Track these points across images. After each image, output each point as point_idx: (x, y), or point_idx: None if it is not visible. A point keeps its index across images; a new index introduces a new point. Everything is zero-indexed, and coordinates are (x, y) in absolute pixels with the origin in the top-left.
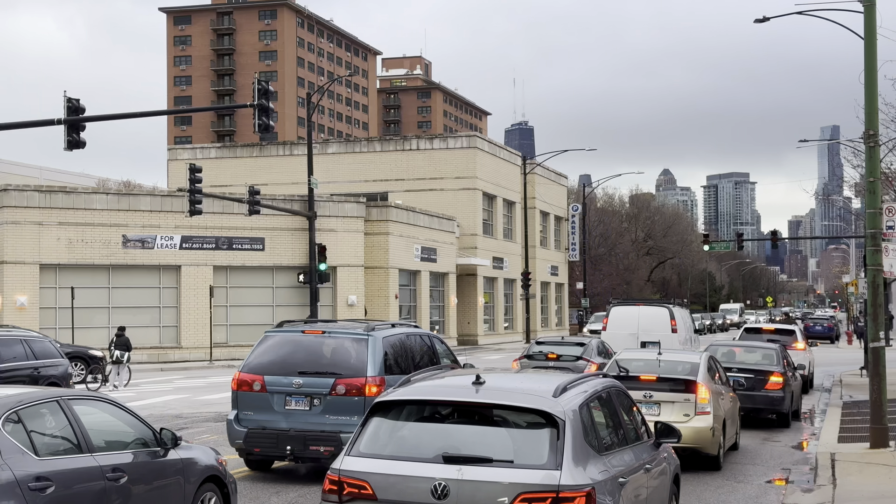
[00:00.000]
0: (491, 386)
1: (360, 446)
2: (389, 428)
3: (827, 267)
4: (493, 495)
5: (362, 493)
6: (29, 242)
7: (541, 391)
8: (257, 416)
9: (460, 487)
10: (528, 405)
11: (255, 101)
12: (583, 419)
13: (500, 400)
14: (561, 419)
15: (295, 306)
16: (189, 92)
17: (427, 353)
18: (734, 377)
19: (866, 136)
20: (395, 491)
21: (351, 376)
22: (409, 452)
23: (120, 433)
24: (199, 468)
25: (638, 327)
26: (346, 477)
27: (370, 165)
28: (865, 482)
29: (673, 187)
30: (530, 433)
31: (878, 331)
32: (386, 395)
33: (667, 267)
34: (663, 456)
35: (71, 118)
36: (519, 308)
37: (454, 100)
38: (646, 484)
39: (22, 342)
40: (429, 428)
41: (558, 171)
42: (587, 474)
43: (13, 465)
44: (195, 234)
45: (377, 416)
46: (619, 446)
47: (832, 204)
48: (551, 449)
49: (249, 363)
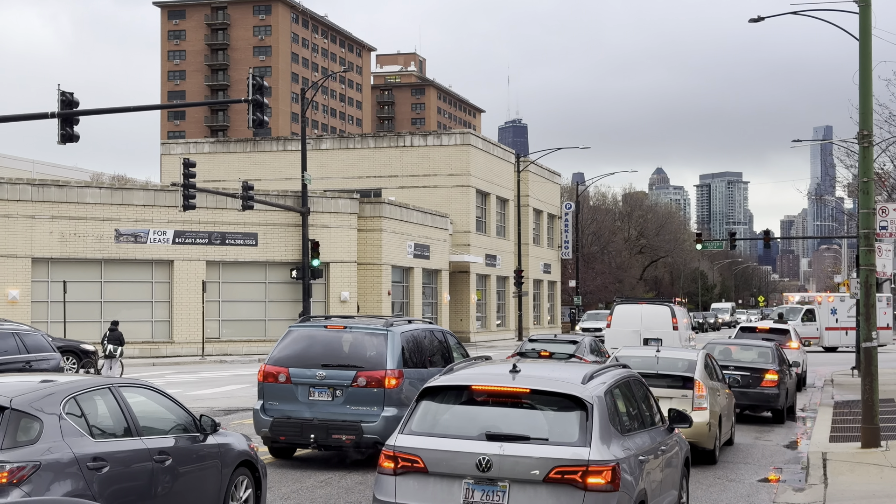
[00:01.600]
0: (526, 374)
1: (412, 425)
2: (437, 410)
3: (819, 267)
4: (531, 468)
5: (415, 466)
6: (21, 236)
7: (571, 379)
8: (282, 406)
9: (502, 461)
10: (561, 391)
11: (249, 97)
12: (607, 404)
13: (536, 386)
14: (589, 403)
15: (288, 302)
16: (183, 87)
17: (440, 347)
18: (731, 375)
19: (860, 137)
20: (444, 464)
21: (371, 369)
22: (455, 431)
23: (164, 419)
24: (235, 453)
25: (641, 325)
26: (400, 452)
27: (364, 162)
28: (857, 481)
29: (666, 186)
30: (562, 415)
31: (870, 331)
32: (434, 381)
33: (659, 265)
34: (675, 440)
35: (64, 112)
36: (511, 305)
37: (448, 97)
38: (661, 464)
39: (14, 336)
40: (472, 410)
41: (551, 169)
42: (612, 452)
43: (73, 446)
44: (188, 229)
45: (426, 400)
46: (637, 429)
47: (825, 204)
48: (581, 429)
49: (275, 356)
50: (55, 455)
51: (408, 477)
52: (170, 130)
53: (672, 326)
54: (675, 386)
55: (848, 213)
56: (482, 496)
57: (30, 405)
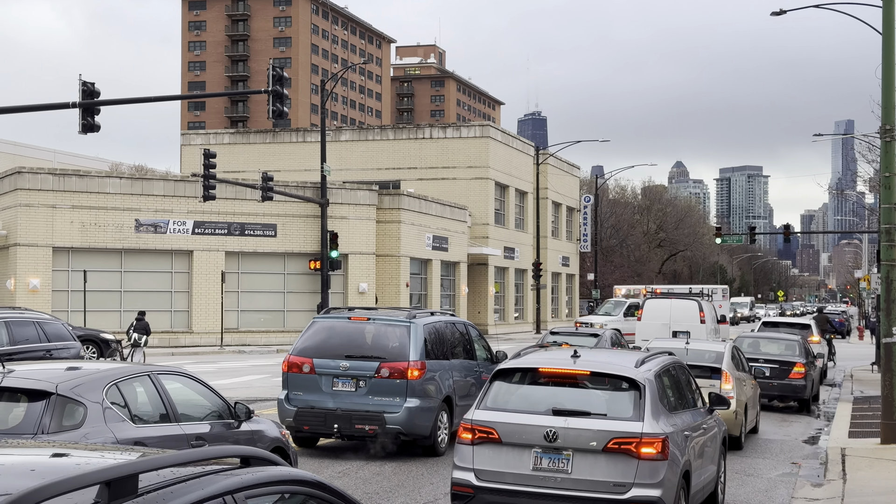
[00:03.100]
0: (585, 359)
1: (487, 402)
2: (508, 389)
3: (839, 262)
4: (591, 439)
5: (490, 437)
6: (42, 225)
7: (625, 363)
8: (306, 395)
9: (566, 433)
10: (618, 373)
11: (269, 88)
12: (657, 385)
13: (596, 368)
14: (642, 384)
15: (306, 293)
16: (203, 77)
17: (462, 339)
18: (759, 367)
19: (883, 131)
20: (515, 435)
21: (394, 360)
22: (525, 407)
23: (200, 406)
24: (267, 439)
25: (670, 318)
26: (477, 425)
27: (383, 153)
28: (876, 477)
29: (685, 180)
30: (618, 394)
31: (890, 326)
32: (505, 364)
33: (678, 259)
34: (715, 421)
35: (86, 101)
36: (529, 298)
37: (468, 89)
38: (703, 441)
39: (35, 324)
40: (539, 389)
41: (571, 162)
42: (661, 426)
43: (115, 431)
44: (207, 220)
45: (498, 380)
46: (682, 409)
47: (845, 199)
48: (635, 406)
49: (299, 346)
50: (98, 439)
51: (484, 446)
52: (190, 121)
53: (700, 320)
54: (703, 376)
55: (869, 207)
56: (549, 463)
57: (74, 391)
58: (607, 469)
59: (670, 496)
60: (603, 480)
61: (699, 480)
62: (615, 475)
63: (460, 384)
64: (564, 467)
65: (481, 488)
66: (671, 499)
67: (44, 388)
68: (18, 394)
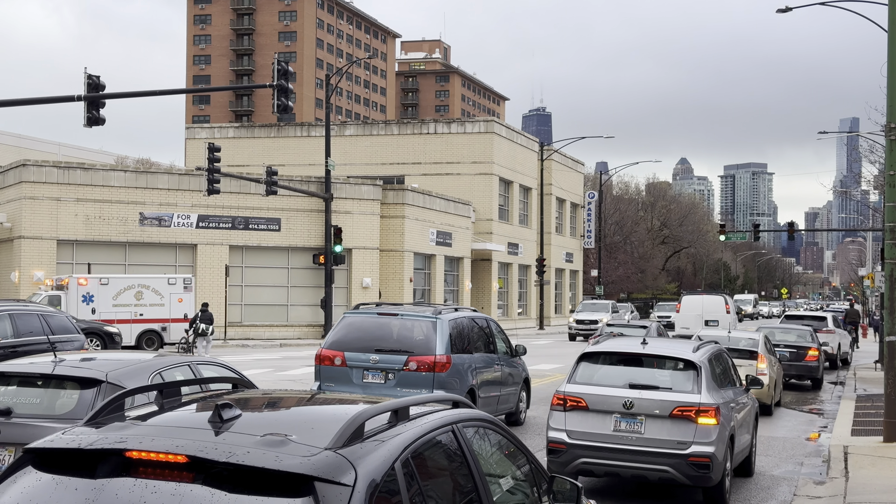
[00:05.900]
0: (653, 346)
1: (576, 377)
2: (592, 367)
3: (843, 259)
4: (660, 407)
5: (579, 405)
6: (46, 218)
7: (684, 349)
8: (337, 387)
9: (640, 402)
10: (680, 356)
11: (274, 82)
12: (710, 366)
13: (663, 352)
14: (699, 364)
15: (310, 287)
16: (208, 71)
17: (483, 334)
18: (781, 352)
19: (887, 129)
20: (600, 404)
21: (421, 354)
22: (607, 382)
23: None
24: None
25: (702, 310)
26: (569, 395)
27: (387, 148)
28: (878, 475)
29: (690, 176)
30: (680, 373)
31: (894, 324)
32: (590, 348)
33: (682, 256)
34: (749, 398)
35: (91, 95)
36: (533, 294)
37: (472, 84)
38: (743, 414)
39: (39, 317)
40: (617, 368)
41: (575, 158)
42: (714, 398)
43: None
44: (212, 214)
45: (584, 361)
46: (726, 387)
47: (850, 197)
48: (693, 382)
49: (330, 340)
50: None
51: (573, 412)
52: (195, 115)
53: (726, 311)
54: (742, 357)
55: (873, 206)
56: (626, 426)
57: (122, 379)
58: (672, 430)
59: (721, 452)
60: (669, 439)
61: (739, 443)
62: (678, 435)
63: (482, 376)
64: (639, 429)
65: (572, 445)
66: (721, 454)
67: (94, 377)
68: (67, 382)
